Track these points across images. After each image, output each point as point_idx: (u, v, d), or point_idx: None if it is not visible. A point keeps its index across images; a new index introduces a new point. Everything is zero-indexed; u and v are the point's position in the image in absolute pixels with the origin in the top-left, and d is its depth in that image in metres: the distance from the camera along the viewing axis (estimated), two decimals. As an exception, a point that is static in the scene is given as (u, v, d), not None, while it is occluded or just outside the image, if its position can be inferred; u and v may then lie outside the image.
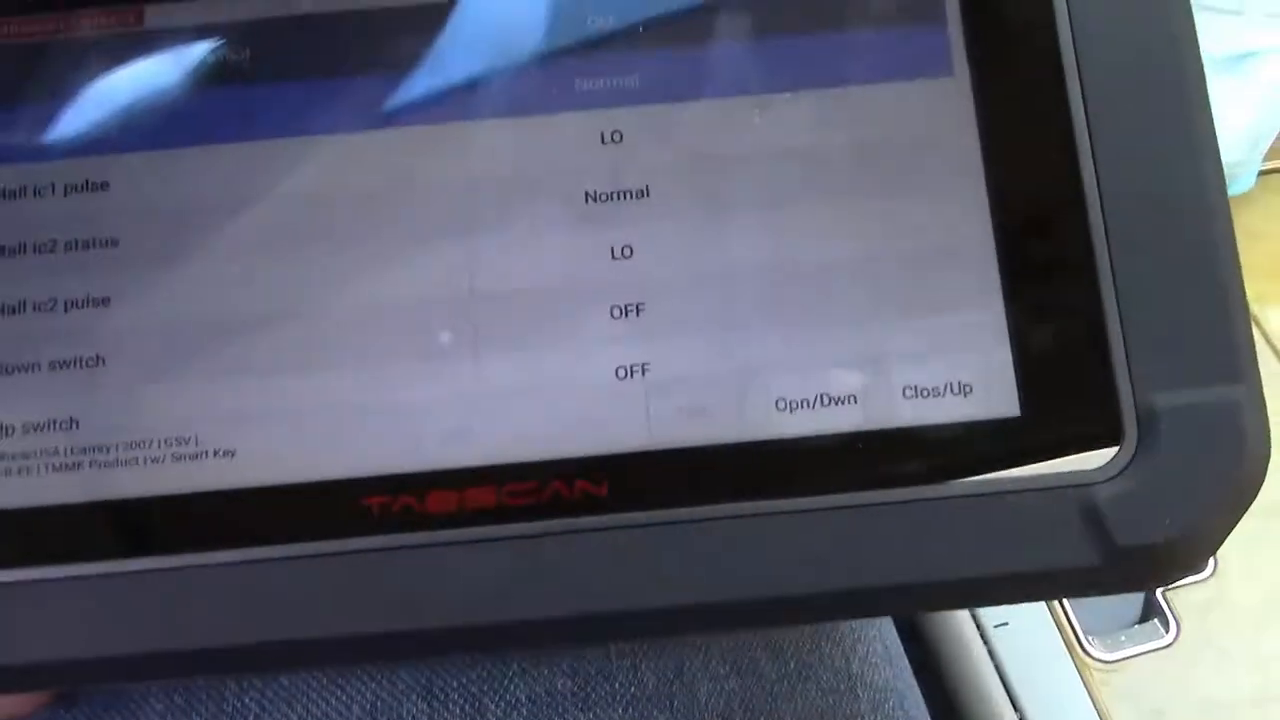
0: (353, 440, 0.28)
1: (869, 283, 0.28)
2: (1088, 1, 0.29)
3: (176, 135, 0.29)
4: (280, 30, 0.30)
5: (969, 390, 0.28)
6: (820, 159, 0.29)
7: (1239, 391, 0.27)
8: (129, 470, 0.28)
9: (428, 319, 0.28)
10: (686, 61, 0.29)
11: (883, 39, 0.29)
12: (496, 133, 0.29)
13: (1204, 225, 0.28)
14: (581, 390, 0.28)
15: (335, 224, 0.29)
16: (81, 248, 0.29)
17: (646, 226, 0.29)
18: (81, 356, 0.28)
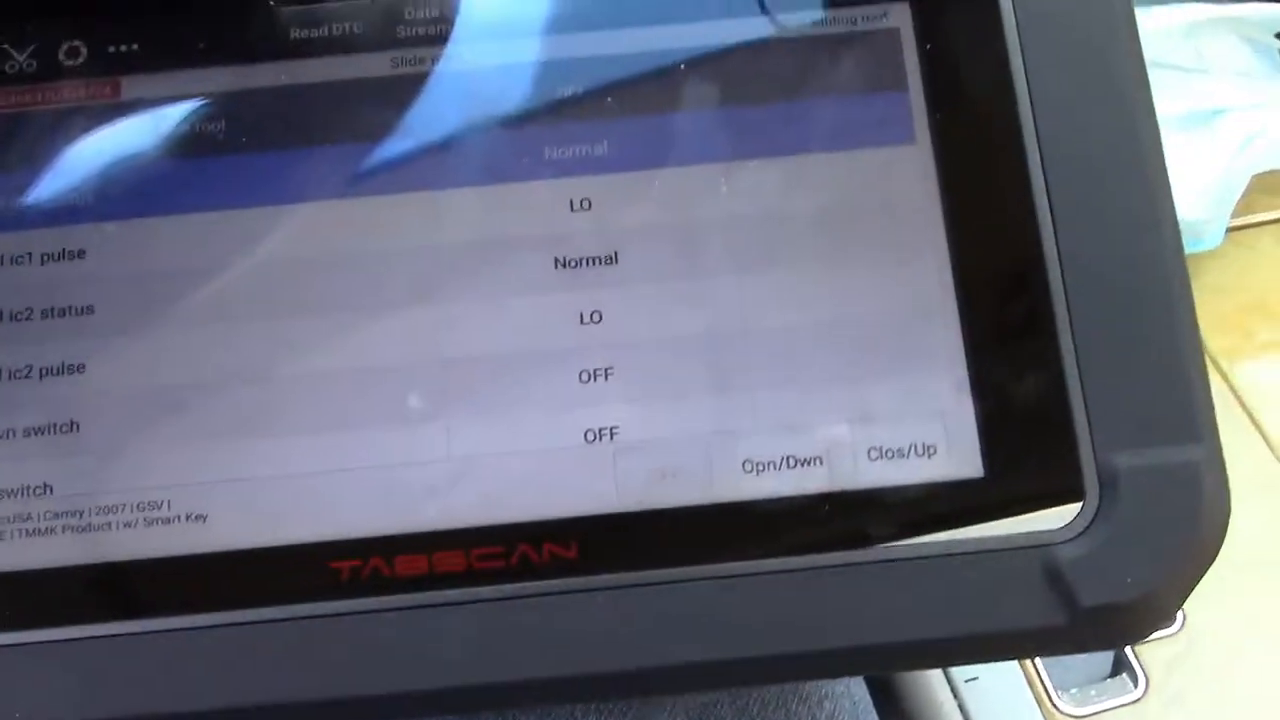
0: (322, 504, 0.28)
1: (834, 346, 0.28)
2: (1046, 70, 0.29)
3: (152, 204, 0.30)
4: (254, 101, 0.30)
5: (933, 451, 0.28)
6: (786, 225, 0.29)
7: (1198, 451, 0.27)
8: (102, 535, 0.28)
9: (398, 384, 0.28)
10: (654, 130, 0.30)
11: (846, 107, 0.30)
12: (467, 200, 0.29)
13: (1162, 288, 0.28)
14: (550, 453, 0.28)
15: (307, 291, 0.29)
16: (58, 315, 0.29)
17: (615, 291, 0.29)
18: (56, 423, 0.28)
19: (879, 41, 0.30)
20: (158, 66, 0.31)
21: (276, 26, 0.31)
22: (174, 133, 0.30)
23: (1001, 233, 0.29)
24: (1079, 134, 0.29)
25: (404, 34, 0.31)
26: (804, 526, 0.28)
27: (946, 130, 0.30)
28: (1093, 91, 0.29)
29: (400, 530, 0.28)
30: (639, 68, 0.30)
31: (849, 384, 0.28)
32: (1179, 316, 0.28)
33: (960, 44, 0.30)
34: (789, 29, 0.31)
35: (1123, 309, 0.28)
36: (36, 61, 0.31)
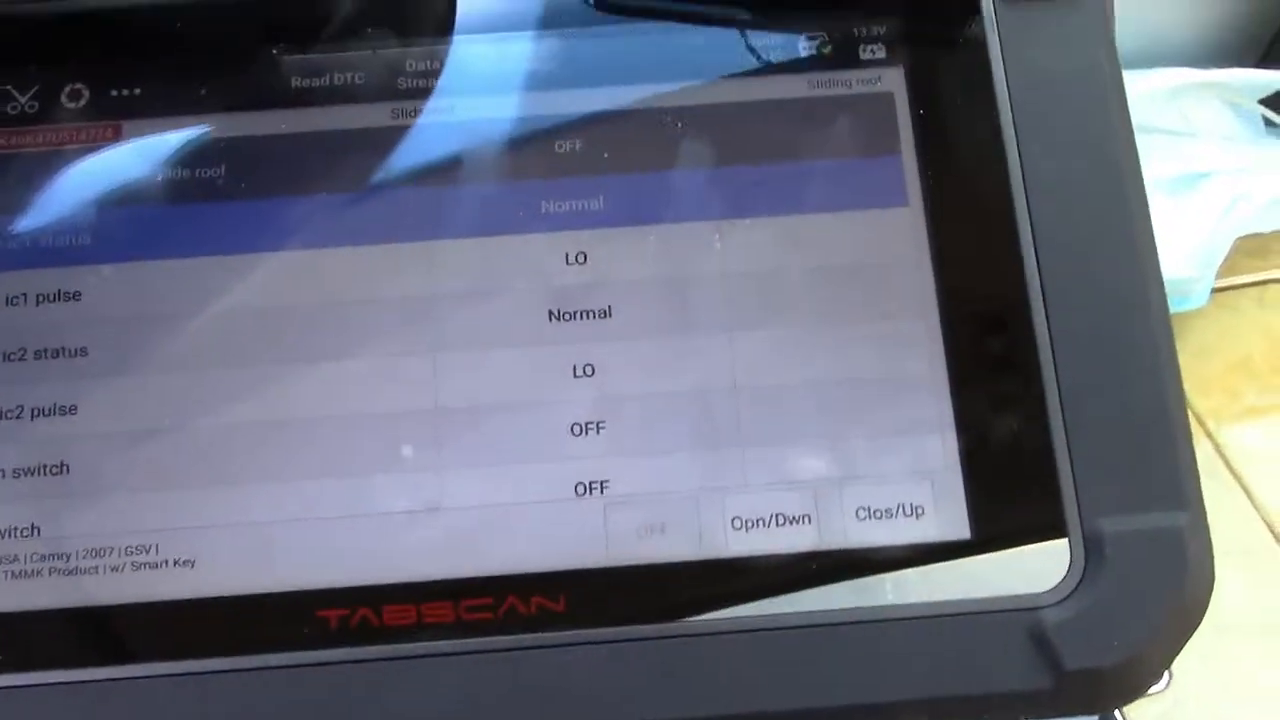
0: (311, 552, 0.28)
1: (824, 405, 0.29)
2: (1037, 135, 0.30)
3: (149, 248, 0.30)
4: (254, 148, 0.30)
5: (921, 512, 0.28)
6: (779, 284, 0.30)
7: (1183, 518, 0.27)
8: (89, 578, 0.28)
9: (391, 433, 0.29)
10: (650, 186, 0.30)
11: (840, 169, 0.30)
12: (463, 251, 0.30)
13: (1149, 354, 0.29)
14: (541, 506, 0.28)
15: (303, 338, 0.29)
16: (51, 356, 0.29)
17: (609, 346, 0.29)
18: (46, 464, 0.28)
19: (873, 105, 0.31)
20: (159, 111, 0.31)
21: (278, 74, 0.31)
22: (173, 177, 0.30)
23: (991, 297, 0.29)
24: (1068, 200, 0.29)
25: (404, 85, 0.31)
26: (792, 584, 0.28)
27: (938, 194, 0.30)
28: (1082, 158, 0.30)
29: (389, 580, 0.28)
30: (636, 124, 0.31)
31: (839, 443, 0.28)
32: (1165, 383, 0.28)
33: (953, 109, 0.31)
34: (785, 91, 0.31)
35: (1110, 375, 0.28)
36: (39, 103, 0.31)
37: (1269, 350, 0.55)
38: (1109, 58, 0.31)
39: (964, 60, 0.31)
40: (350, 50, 0.31)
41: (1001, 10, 0.31)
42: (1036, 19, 0.31)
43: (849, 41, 0.31)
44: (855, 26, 0.31)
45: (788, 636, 0.27)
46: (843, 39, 0.31)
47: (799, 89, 0.31)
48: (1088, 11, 0.31)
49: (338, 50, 0.31)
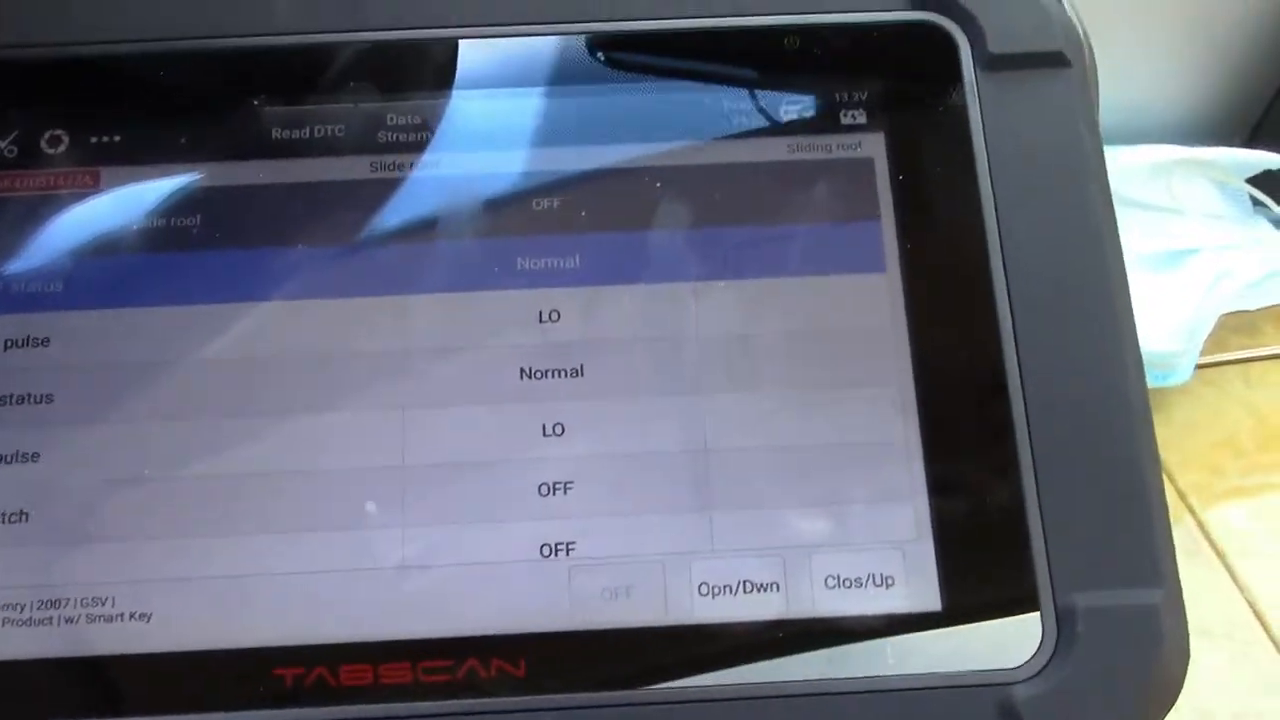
0: (269, 608, 0.27)
1: (795, 471, 0.28)
2: (1016, 205, 0.30)
3: (121, 295, 0.30)
4: (231, 198, 0.30)
5: (891, 582, 0.28)
6: (752, 347, 0.29)
7: (1158, 595, 0.27)
8: (43, 629, 0.27)
9: (357, 489, 0.28)
10: (627, 245, 0.30)
11: (819, 233, 0.30)
12: (438, 307, 0.30)
13: (1126, 429, 0.28)
14: (505, 566, 0.28)
15: (270, 391, 0.29)
16: (16, 402, 0.29)
17: (579, 404, 0.29)
18: (5, 511, 0.28)
19: (853, 170, 0.31)
20: (138, 159, 0.31)
21: (259, 125, 0.31)
22: (149, 225, 0.30)
23: (966, 367, 0.29)
24: (1046, 271, 0.29)
25: (384, 139, 0.31)
26: (758, 653, 0.27)
27: (916, 261, 0.30)
28: (1061, 229, 0.30)
29: (347, 639, 0.27)
30: (615, 184, 0.31)
31: (809, 510, 0.28)
32: (1142, 457, 0.28)
33: (932, 176, 0.31)
34: (765, 154, 0.31)
35: (1086, 448, 0.28)
36: (18, 148, 0.31)
37: (1254, 428, 0.55)
38: (1090, 129, 0.31)
39: (945, 128, 0.31)
40: (331, 103, 0.31)
41: (983, 79, 0.31)
42: (1018, 88, 0.31)
43: (830, 106, 0.31)
44: (837, 91, 0.31)
45: (753, 706, 0.27)
46: (824, 103, 0.31)
47: (779, 152, 0.31)
48: (1069, 82, 0.31)
49: (319, 103, 0.31)
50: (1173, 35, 0.61)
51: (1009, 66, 0.31)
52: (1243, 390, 0.56)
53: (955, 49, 0.31)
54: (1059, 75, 0.31)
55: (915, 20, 0.31)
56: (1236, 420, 0.55)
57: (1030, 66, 0.31)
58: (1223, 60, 0.62)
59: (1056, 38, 0.31)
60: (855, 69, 0.31)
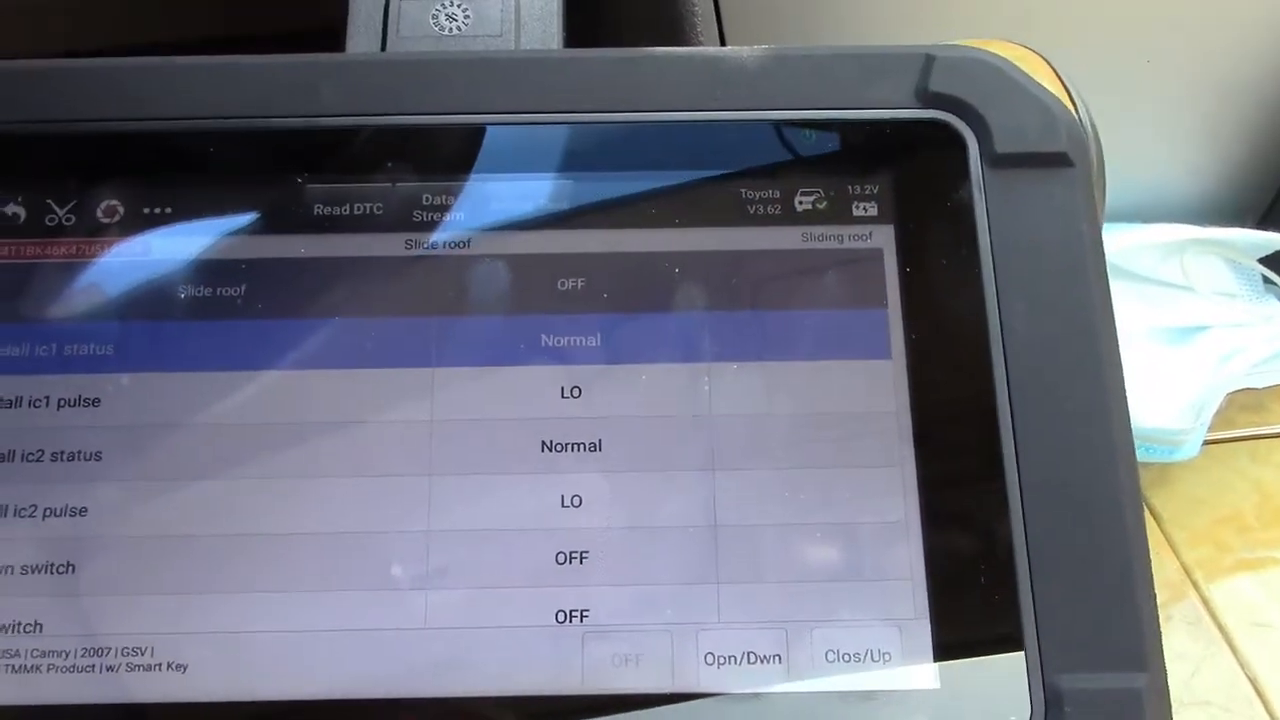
0: (298, 664, 0.29)
1: (800, 548, 0.30)
2: (1017, 297, 0.31)
3: (169, 360, 0.31)
4: (274, 270, 0.32)
5: (889, 659, 0.29)
6: (763, 427, 0.31)
7: (1142, 679, 0.28)
8: (85, 677, 0.29)
9: (382, 552, 0.30)
10: (646, 326, 0.32)
11: (828, 320, 0.32)
12: (464, 380, 0.31)
13: (1118, 518, 0.30)
14: (522, 631, 0.29)
15: (304, 455, 0.30)
16: (67, 459, 0.31)
17: (597, 478, 0.30)
18: (53, 563, 0.30)
19: (862, 260, 0.32)
20: (188, 230, 0.33)
21: (302, 201, 0.33)
22: (196, 294, 0.32)
23: (966, 452, 0.30)
24: (1044, 362, 0.31)
25: (418, 218, 0.33)
26: (759, 721, 0.29)
27: (921, 348, 0.31)
28: (1059, 322, 0.31)
29: (370, 695, 0.29)
30: (635, 267, 0.32)
31: (811, 586, 0.30)
32: (1132, 545, 0.29)
33: (939, 268, 0.32)
34: (779, 242, 0.32)
35: (1078, 534, 0.29)
36: (75, 216, 0.33)
37: (1260, 505, 0.56)
38: (1091, 225, 0.32)
39: (951, 222, 0.32)
40: (370, 182, 0.33)
41: (989, 176, 0.33)
42: (1023, 186, 0.32)
43: (842, 198, 0.33)
44: (849, 184, 0.33)
45: (753, 773, 0.28)
46: (836, 195, 0.33)
47: (793, 241, 0.33)
48: (1072, 182, 0.32)
49: (358, 181, 0.33)
50: (1188, 118, 0.62)
51: (1014, 165, 0.32)
52: (1249, 467, 0.57)
53: (964, 147, 0.33)
54: (1062, 175, 0.32)
55: (926, 119, 0.33)
56: (1242, 496, 0.56)
57: (1035, 166, 0.32)
58: (1237, 143, 0.63)
59: (1060, 139, 0.32)
60: (868, 163, 0.33)
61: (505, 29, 0.37)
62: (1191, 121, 0.62)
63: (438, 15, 0.37)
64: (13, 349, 0.32)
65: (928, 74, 0.33)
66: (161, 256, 0.33)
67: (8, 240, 0.32)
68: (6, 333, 0.32)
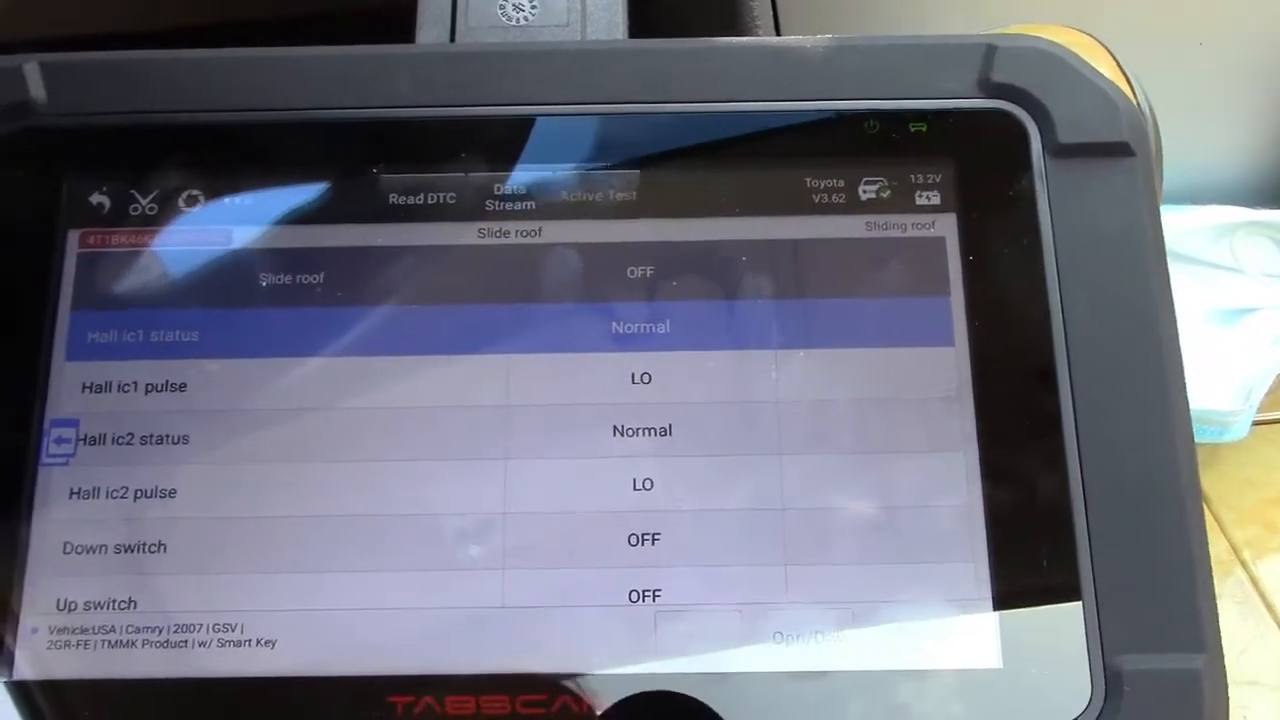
0: (382, 640, 0.30)
1: (865, 530, 0.31)
2: (1079, 285, 0.32)
3: (252, 347, 0.32)
4: (350, 259, 0.33)
5: (952, 639, 0.30)
6: (828, 413, 0.32)
7: (1200, 660, 0.29)
8: (178, 652, 0.30)
9: (461, 533, 0.31)
10: (714, 314, 0.33)
11: (892, 307, 0.33)
12: (538, 367, 0.32)
13: (1176, 501, 0.30)
14: (597, 610, 0.30)
15: (385, 438, 0.32)
16: (156, 442, 0.32)
17: (667, 462, 0.31)
18: (145, 542, 0.31)
19: (925, 248, 0.33)
20: (267, 219, 0.34)
21: (377, 191, 0.34)
22: (276, 282, 0.33)
23: (1028, 437, 0.31)
24: (1105, 349, 0.31)
25: (492, 208, 0.34)
26: (826, 699, 0.30)
27: (983, 336, 0.32)
28: (1121, 309, 0.32)
29: (453, 671, 0.30)
30: (703, 255, 0.33)
31: (877, 567, 0.30)
32: (1191, 530, 0.30)
33: (1001, 256, 0.33)
34: (843, 230, 0.33)
35: (1138, 518, 0.30)
36: (158, 206, 0.34)
37: (1308, 484, 0.56)
38: (1151, 214, 0.33)
39: (1013, 211, 0.33)
40: (443, 172, 0.34)
41: (1051, 165, 0.33)
42: (1084, 175, 0.33)
43: (905, 187, 0.34)
44: (912, 173, 0.34)
45: (820, 748, 0.29)
46: (900, 185, 0.34)
47: (857, 229, 0.33)
48: (1133, 171, 0.33)
49: (432, 171, 0.34)
50: (1240, 100, 0.62)
51: (1076, 155, 0.33)
52: (1298, 448, 0.58)
53: (1026, 137, 0.33)
54: (1123, 164, 0.33)
55: (989, 108, 0.34)
56: (1291, 477, 0.56)
57: (1097, 155, 0.33)
58: (1288, 123, 0.63)
59: (1122, 129, 0.33)
60: (930, 152, 0.34)
61: (571, 19, 0.37)
62: (1243, 103, 0.63)
63: (505, 6, 0.37)
64: (101, 335, 0.33)
65: (989, 63, 0.34)
66: (242, 245, 0.34)
67: (93, 229, 0.34)
68: (95, 319, 0.33)
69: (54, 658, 0.30)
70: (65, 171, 0.34)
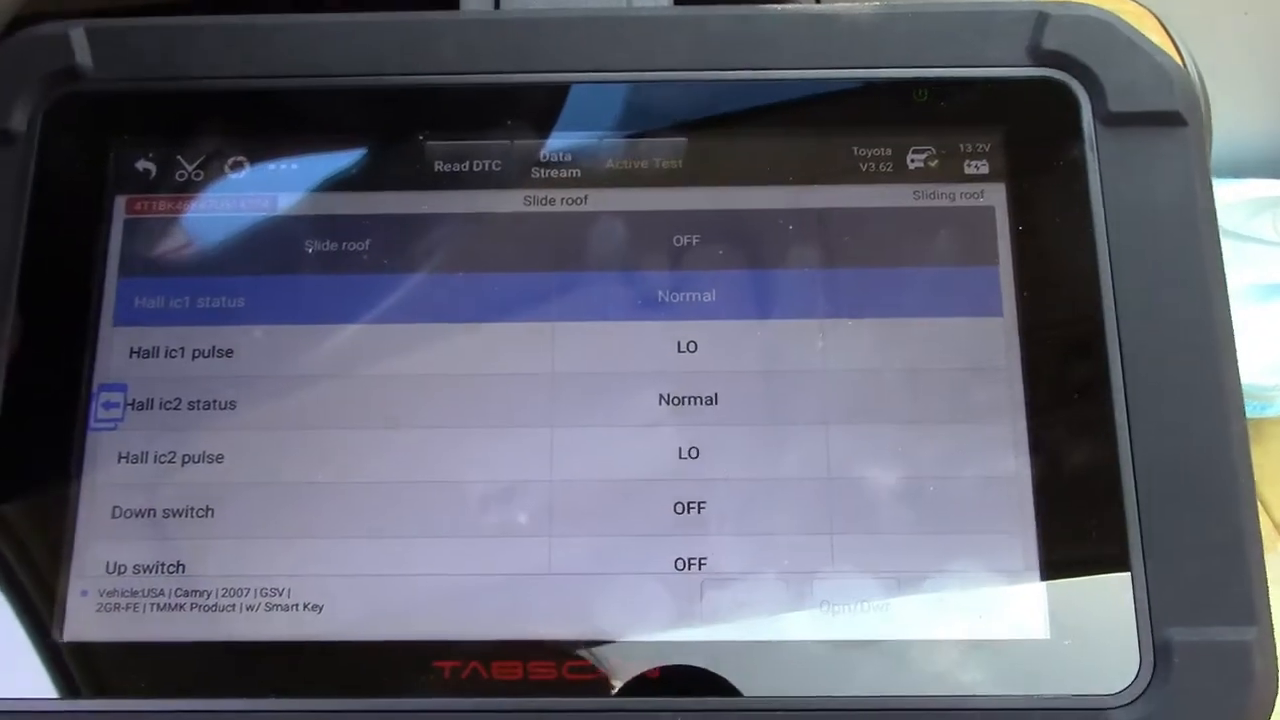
0: (429, 605, 0.30)
1: (913, 501, 0.31)
2: (1129, 255, 0.32)
3: (299, 313, 0.33)
4: (395, 226, 0.33)
5: (1000, 610, 0.30)
6: (875, 382, 0.32)
7: (1251, 632, 0.29)
8: (226, 615, 0.30)
9: (508, 499, 0.31)
10: (760, 283, 0.32)
11: (940, 277, 0.32)
12: (586, 335, 0.32)
13: (1227, 475, 0.30)
14: (643, 578, 0.30)
15: (431, 405, 0.32)
16: (203, 408, 0.32)
17: (713, 430, 0.31)
18: (193, 507, 0.31)
19: (974, 218, 0.33)
20: (312, 186, 0.34)
21: (423, 158, 0.34)
22: (322, 248, 0.33)
23: (1077, 408, 0.31)
24: (1156, 319, 0.31)
25: (537, 175, 0.33)
26: (872, 668, 0.29)
27: (1032, 306, 0.32)
28: (1171, 280, 0.31)
29: (499, 637, 0.30)
30: (749, 223, 0.33)
31: (925, 538, 0.30)
32: (1241, 502, 0.30)
33: (1050, 226, 0.32)
34: (891, 199, 0.33)
35: (1187, 491, 0.30)
36: (204, 172, 0.34)
37: (1350, 460, 0.56)
38: (1203, 184, 0.32)
39: (1063, 180, 0.33)
40: (490, 139, 0.34)
41: (1102, 135, 0.33)
42: (1135, 145, 0.33)
43: (954, 156, 0.33)
44: (961, 142, 0.33)
45: (867, 717, 0.29)
46: (949, 154, 0.33)
47: (905, 199, 0.33)
48: (1185, 140, 0.33)
49: (479, 139, 0.34)
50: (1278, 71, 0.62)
51: (1128, 124, 0.33)
52: (1339, 422, 0.57)
53: (1077, 105, 0.33)
54: (1175, 133, 0.33)
55: (1039, 77, 0.33)
56: (1333, 452, 0.56)
57: (1148, 125, 0.33)
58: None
59: (1175, 98, 0.33)
60: (980, 121, 0.33)
61: (617, -15, 0.37)
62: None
63: (550, -28, 0.37)
64: (148, 301, 0.33)
65: (1040, 31, 0.33)
66: (287, 211, 0.34)
67: (139, 195, 0.34)
68: (141, 285, 0.33)
69: (103, 620, 0.31)
70: (111, 137, 0.34)
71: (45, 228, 0.33)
